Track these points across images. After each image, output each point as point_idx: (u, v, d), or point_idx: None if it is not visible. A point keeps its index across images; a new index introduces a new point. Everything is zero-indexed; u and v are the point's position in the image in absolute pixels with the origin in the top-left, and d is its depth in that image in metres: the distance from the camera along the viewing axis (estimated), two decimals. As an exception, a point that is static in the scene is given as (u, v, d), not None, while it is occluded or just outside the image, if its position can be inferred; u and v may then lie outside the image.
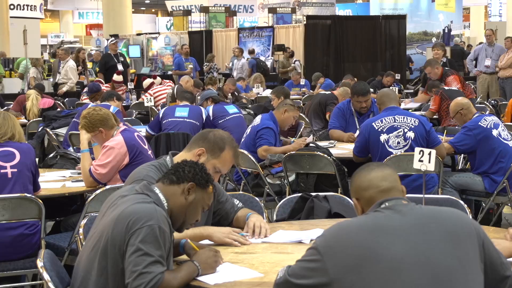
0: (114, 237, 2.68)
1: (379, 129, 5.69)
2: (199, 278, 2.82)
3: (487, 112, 8.13)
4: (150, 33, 24.49)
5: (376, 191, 2.50)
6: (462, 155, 6.76)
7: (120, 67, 14.91)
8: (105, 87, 11.86)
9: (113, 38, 18.05)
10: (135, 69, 20.99)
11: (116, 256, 2.67)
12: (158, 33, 24.81)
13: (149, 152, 5.07)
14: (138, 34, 24.10)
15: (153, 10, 43.55)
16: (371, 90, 8.42)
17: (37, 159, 4.78)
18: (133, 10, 28.04)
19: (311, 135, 7.65)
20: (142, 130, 7.90)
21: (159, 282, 2.60)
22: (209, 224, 3.49)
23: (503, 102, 10.74)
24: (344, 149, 6.49)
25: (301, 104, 11.15)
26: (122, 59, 15.54)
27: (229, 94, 11.65)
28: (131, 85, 13.41)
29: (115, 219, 2.71)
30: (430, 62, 9.90)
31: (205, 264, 2.86)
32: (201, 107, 8.17)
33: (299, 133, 7.96)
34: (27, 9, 26.20)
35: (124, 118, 8.30)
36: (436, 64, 9.72)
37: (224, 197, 3.62)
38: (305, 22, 18.73)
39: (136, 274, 2.59)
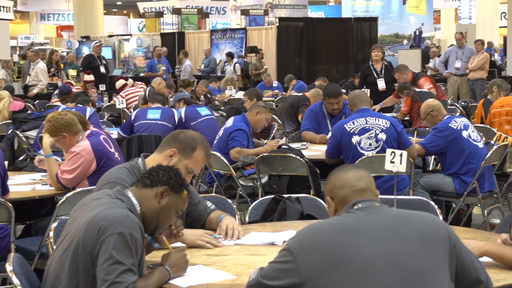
0: (85, 242, 2.65)
1: (351, 131, 5.72)
2: (172, 281, 2.80)
3: (457, 114, 8.21)
4: (122, 35, 24.37)
5: (351, 190, 2.51)
6: (433, 156, 6.81)
7: (102, 69, 14.86)
8: (76, 89, 11.76)
9: (97, 41, 17.93)
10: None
11: (87, 262, 2.65)
12: (130, 34, 24.69)
13: (116, 155, 5.02)
14: (110, 36, 23.94)
15: (124, 12, 43.28)
16: (343, 91, 8.46)
17: (6, 162, 4.73)
18: (105, 11, 27.84)
19: (284, 137, 7.66)
20: (114, 132, 7.86)
21: None
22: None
23: (473, 104, 10.85)
24: (317, 150, 6.52)
25: (274, 106, 11.17)
26: (105, 62, 15.51)
27: (202, 96, 11.63)
28: (102, 87, 13.32)
29: (86, 224, 2.67)
30: (398, 68, 9.96)
31: (176, 267, 2.84)
32: (173, 109, 8.14)
33: (272, 135, 7.97)
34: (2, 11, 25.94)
35: (100, 120, 8.28)
36: (405, 69, 9.80)
37: (196, 199, 3.61)
38: (277, 24, 18.79)
39: (108, 283, 2.57)
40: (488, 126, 7.80)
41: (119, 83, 12.24)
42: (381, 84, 10.63)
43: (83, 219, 2.72)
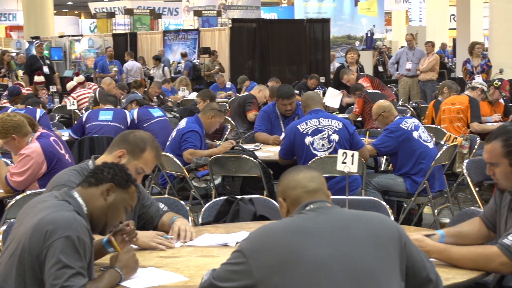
0: (32, 246, 2.60)
1: (304, 132, 5.74)
2: (123, 283, 2.78)
3: (408, 115, 8.31)
4: (73, 35, 24.07)
5: (303, 191, 2.52)
6: (385, 156, 6.89)
7: (46, 69, 14.62)
8: (26, 90, 11.58)
9: (38, 41, 17.66)
10: (57, 71, 20.57)
11: (34, 266, 2.60)
12: (81, 35, 24.40)
13: (67, 156, 4.96)
14: (61, 36, 23.61)
15: (75, 12, 42.78)
16: (296, 93, 8.50)
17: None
18: (55, 11, 27.48)
19: (238, 137, 7.67)
20: (65, 134, 7.76)
21: None
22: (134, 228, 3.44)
23: (424, 105, 11.00)
24: (270, 151, 6.53)
25: (227, 107, 11.17)
26: (49, 62, 15.26)
27: (155, 97, 11.56)
28: (53, 88, 13.14)
29: (32, 228, 2.62)
30: (344, 72, 10.19)
31: (127, 268, 2.82)
32: (125, 110, 8.07)
33: (225, 136, 7.96)
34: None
35: (51, 122, 8.16)
36: (350, 71, 10.03)
37: (148, 201, 3.58)
38: (230, 25, 18.78)
39: (57, 287, 2.53)
40: (439, 127, 7.93)
41: (69, 85, 12.10)
42: None
43: (29, 222, 2.67)
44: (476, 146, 6.66)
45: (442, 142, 6.92)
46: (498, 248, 2.87)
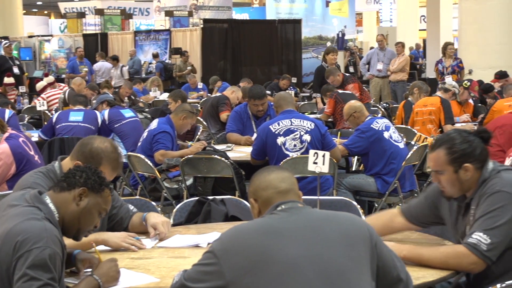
0: (2, 257, 2.53)
1: (276, 132, 5.75)
2: (95, 286, 2.75)
3: (379, 115, 8.36)
4: (42, 36, 23.82)
5: (274, 191, 2.52)
6: (356, 157, 6.92)
7: (16, 70, 14.46)
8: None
9: (7, 41, 17.46)
10: (27, 72, 20.36)
11: (3, 278, 2.53)
12: (51, 35, 24.17)
13: (36, 158, 4.91)
14: (30, 37, 23.36)
15: (45, 12, 42.36)
16: (268, 93, 8.51)
17: None
18: (24, 11, 27.20)
19: (210, 138, 7.66)
20: (34, 135, 7.68)
21: None
22: (104, 229, 3.42)
23: (395, 105, 11.08)
24: (242, 152, 6.53)
25: (199, 108, 11.14)
26: (18, 63, 15.10)
27: (126, 98, 11.48)
28: (22, 89, 13.00)
29: (3, 238, 2.55)
30: (331, 72, 10.06)
31: (107, 277, 2.77)
32: (96, 111, 8.01)
33: (197, 136, 7.94)
34: None
35: (20, 123, 8.08)
36: (337, 71, 9.98)
37: (118, 202, 3.56)
38: (202, 26, 18.74)
39: None
40: (409, 127, 7.99)
41: (39, 85, 11.97)
42: None
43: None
44: (446, 146, 6.70)
45: (413, 142, 6.98)
46: (465, 248, 2.91)
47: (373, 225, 3.06)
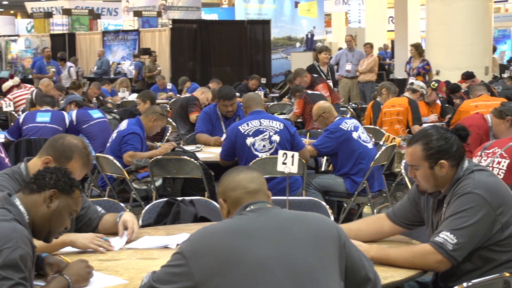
0: None
1: (245, 133, 5.75)
2: (62, 288, 2.72)
3: (348, 115, 8.41)
4: (8, 36, 23.56)
5: (244, 192, 2.52)
6: (325, 157, 6.95)
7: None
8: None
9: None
10: (-7, 72, 20.13)
11: None
12: (18, 35, 23.91)
13: (6, 160, 4.85)
14: (-4, 36, 23.12)
15: (11, 12, 41.86)
16: (237, 94, 8.51)
17: None
18: (-9, 11, 26.86)
19: (179, 139, 7.63)
20: (1, 136, 7.59)
21: None
22: (72, 231, 3.39)
23: (363, 106, 11.15)
24: (211, 153, 6.52)
25: (168, 109, 11.10)
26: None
27: (94, 98, 11.40)
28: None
29: None
30: (298, 73, 10.02)
31: (77, 276, 2.74)
32: (64, 111, 7.94)
33: (166, 137, 7.91)
34: None
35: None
36: (304, 72, 9.96)
37: (86, 203, 3.53)
38: (171, 26, 18.67)
39: None
40: (378, 127, 8.04)
41: (5, 86, 11.83)
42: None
43: None
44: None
45: (381, 143, 7.02)
46: (431, 247, 2.94)
47: (365, 231, 3.10)
